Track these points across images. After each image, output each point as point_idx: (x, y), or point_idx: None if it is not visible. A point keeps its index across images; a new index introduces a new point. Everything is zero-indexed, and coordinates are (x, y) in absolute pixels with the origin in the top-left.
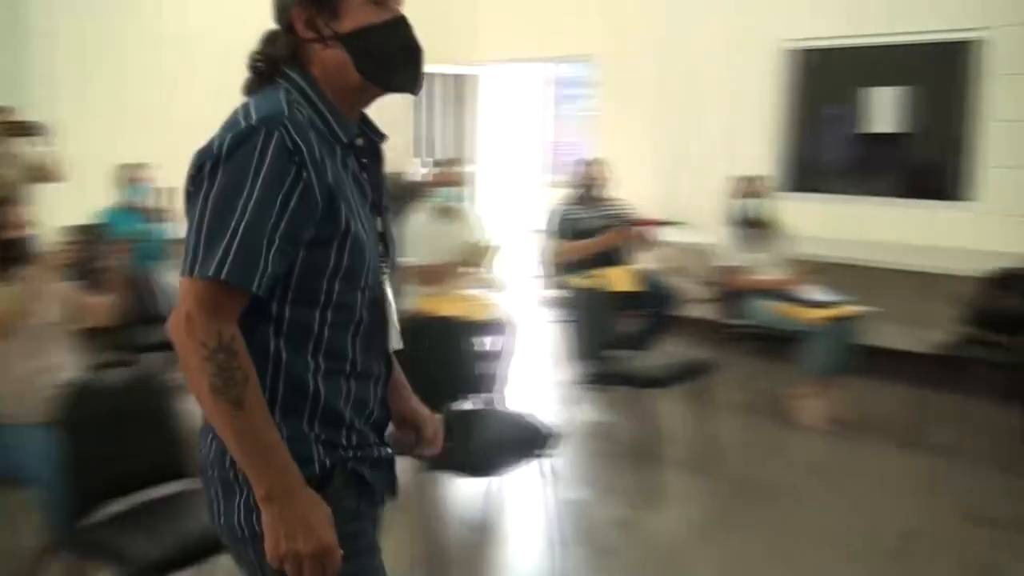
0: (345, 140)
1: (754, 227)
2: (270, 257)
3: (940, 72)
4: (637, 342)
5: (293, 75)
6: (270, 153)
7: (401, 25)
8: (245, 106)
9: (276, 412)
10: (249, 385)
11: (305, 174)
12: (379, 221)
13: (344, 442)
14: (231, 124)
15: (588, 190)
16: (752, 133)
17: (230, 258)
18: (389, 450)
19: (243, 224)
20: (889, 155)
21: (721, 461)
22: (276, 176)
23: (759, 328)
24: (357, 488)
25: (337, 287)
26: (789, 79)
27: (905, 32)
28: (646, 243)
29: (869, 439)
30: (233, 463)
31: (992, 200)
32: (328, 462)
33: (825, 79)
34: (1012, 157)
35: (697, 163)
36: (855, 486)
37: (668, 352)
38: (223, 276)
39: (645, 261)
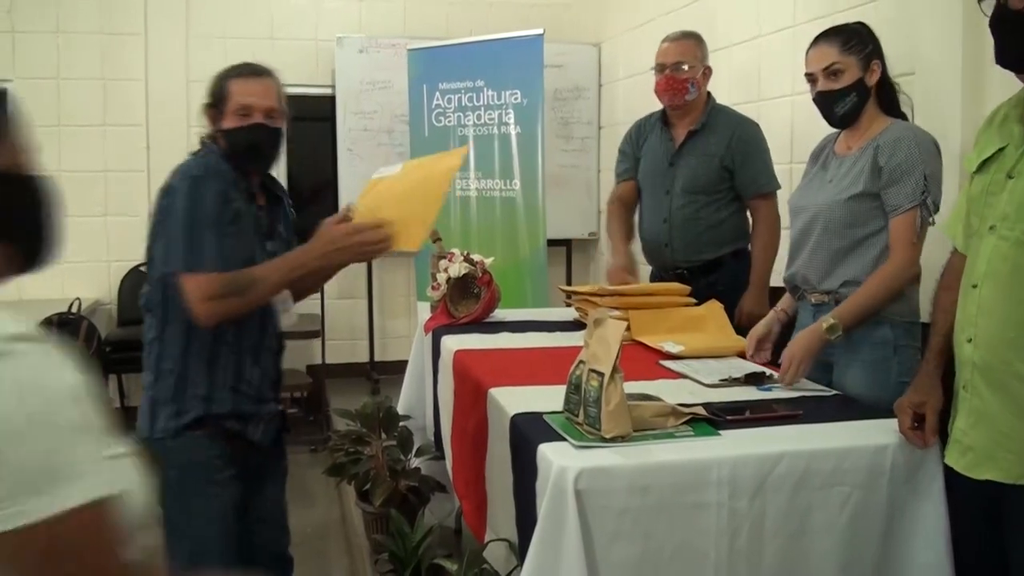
0: (246, 189)
1: None
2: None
3: None
4: None
5: (214, 148)
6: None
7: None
8: (187, 163)
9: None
10: (241, 275)
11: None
12: (269, 243)
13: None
14: (181, 173)
15: None
16: None
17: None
18: None
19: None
20: None
21: None
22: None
23: None
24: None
25: None
26: None
27: None
28: None
29: None
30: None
31: None
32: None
33: None
34: None
35: None
36: None
37: None
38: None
39: None
